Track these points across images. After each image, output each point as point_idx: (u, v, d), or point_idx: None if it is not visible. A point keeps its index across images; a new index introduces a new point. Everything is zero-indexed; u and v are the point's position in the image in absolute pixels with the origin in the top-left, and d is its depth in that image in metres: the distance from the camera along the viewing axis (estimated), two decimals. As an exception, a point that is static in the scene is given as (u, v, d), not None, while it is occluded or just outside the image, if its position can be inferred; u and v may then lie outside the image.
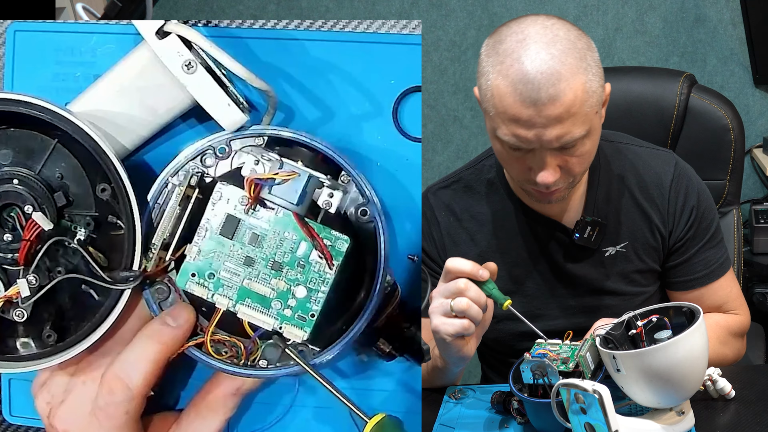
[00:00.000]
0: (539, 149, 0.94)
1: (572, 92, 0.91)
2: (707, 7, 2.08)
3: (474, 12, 2.18)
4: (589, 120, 0.94)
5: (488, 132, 1.00)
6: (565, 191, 1.02)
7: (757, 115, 2.11)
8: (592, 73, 0.93)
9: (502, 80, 0.92)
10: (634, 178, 1.10)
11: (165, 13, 2.26)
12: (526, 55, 0.91)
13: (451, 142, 2.27)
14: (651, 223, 1.09)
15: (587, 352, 0.86)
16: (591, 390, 0.75)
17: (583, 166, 0.99)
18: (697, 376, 0.82)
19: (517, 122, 0.92)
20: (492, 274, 0.92)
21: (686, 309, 0.83)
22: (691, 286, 1.11)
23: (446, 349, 0.95)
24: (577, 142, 0.94)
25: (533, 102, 0.90)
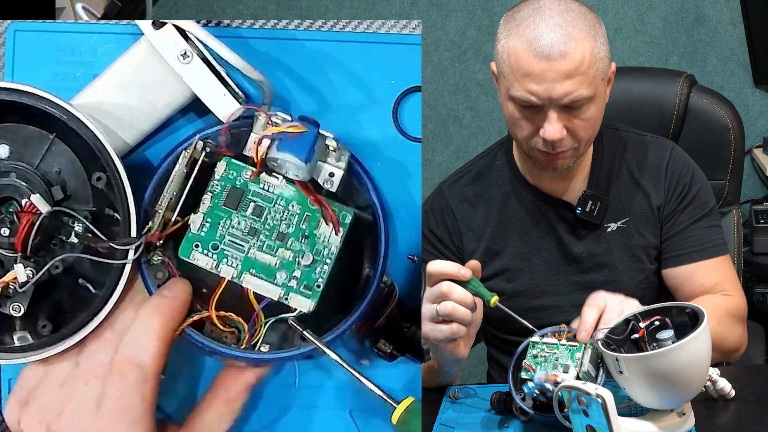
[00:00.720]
0: (548, 106, 1.01)
1: (582, 52, 0.99)
2: (707, 7, 2.08)
3: (474, 12, 2.18)
4: (595, 84, 1.01)
5: (501, 98, 1.07)
6: (569, 159, 1.06)
7: (757, 115, 2.11)
8: (600, 43, 1.02)
9: (517, 40, 1.01)
10: (634, 160, 1.16)
11: (165, 13, 2.26)
12: (541, 18, 1.00)
13: (451, 142, 2.27)
14: (649, 199, 1.14)
15: (588, 365, 0.85)
16: (594, 394, 0.75)
17: (587, 131, 1.04)
18: (700, 378, 0.81)
19: (530, 76, 1.00)
20: (475, 272, 0.90)
21: (689, 310, 0.83)
22: (681, 261, 1.13)
23: (439, 353, 0.95)
24: (583, 103, 1.01)
25: (546, 56, 0.98)
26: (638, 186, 1.15)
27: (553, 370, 0.86)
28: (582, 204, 1.13)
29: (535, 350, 0.89)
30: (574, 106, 1.01)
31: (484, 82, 2.21)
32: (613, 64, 1.07)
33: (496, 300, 0.90)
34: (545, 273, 1.16)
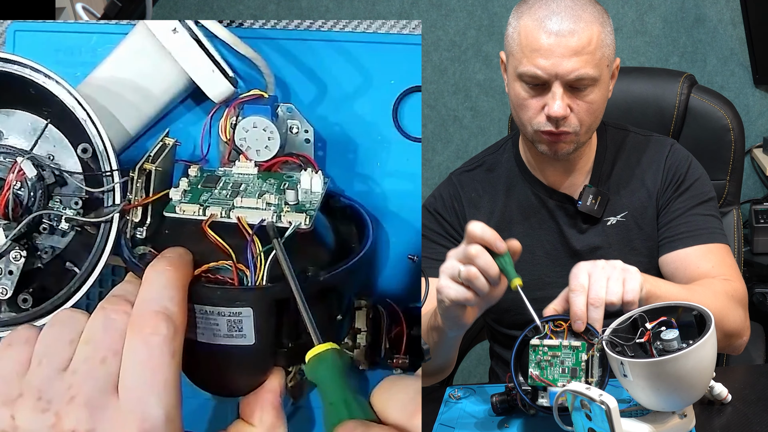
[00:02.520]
0: (553, 82, 1.03)
1: (590, 31, 1.03)
2: (707, 7, 2.07)
3: (474, 12, 2.18)
4: (600, 68, 1.04)
5: (509, 83, 1.10)
6: (570, 144, 1.08)
7: (757, 115, 2.11)
8: (607, 31, 1.06)
9: (528, 19, 1.05)
10: (636, 158, 1.18)
11: (165, 13, 2.26)
12: (553, 1, 1.04)
13: (451, 142, 2.27)
14: (647, 192, 1.16)
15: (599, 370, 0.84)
16: (599, 401, 0.75)
17: (590, 115, 1.07)
18: (705, 382, 0.81)
19: (539, 51, 1.03)
20: (513, 253, 0.87)
21: (696, 312, 0.82)
22: (675, 246, 1.12)
23: (445, 311, 0.91)
24: (588, 84, 1.04)
25: (555, 32, 1.02)
26: (639, 181, 1.17)
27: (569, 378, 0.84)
28: (583, 198, 1.15)
29: (537, 356, 0.86)
30: (579, 86, 1.04)
31: (484, 82, 2.21)
32: (617, 60, 1.10)
33: (518, 282, 0.86)
34: (547, 265, 1.17)
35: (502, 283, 0.88)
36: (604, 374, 0.85)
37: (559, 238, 1.18)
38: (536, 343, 0.86)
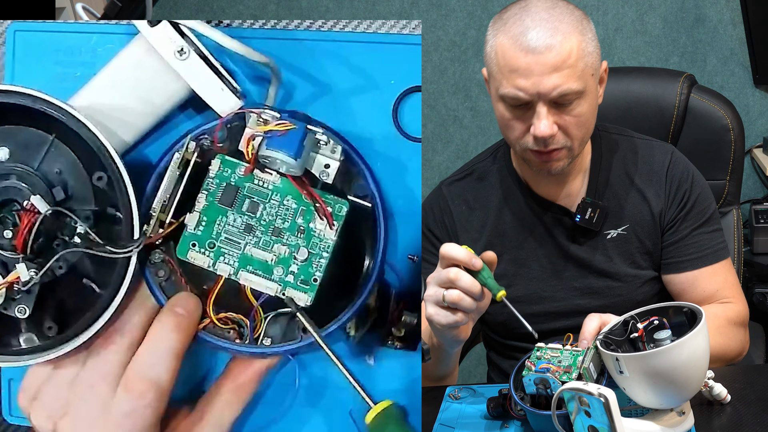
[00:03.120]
0: (537, 102, 0.99)
1: (569, 44, 0.98)
2: (707, 7, 2.08)
3: (474, 12, 2.18)
4: (584, 79, 1.00)
5: (493, 100, 1.06)
6: (563, 160, 1.05)
7: (757, 115, 2.11)
8: (588, 38, 1.01)
9: (504, 37, 1.01)
10: (633, 165, 1.15)
11: (165, 13, 2.26)
12: (528, 15, 1.00)
13: (451, 142, 2.27)
14: (649, 206, 1.13)
15: (590, 363, 0.85)
16: (596, 394, 0.75)
17: (579, 129, 1.03)
18: (700, 376, 0.81)
19: (517, 71, 0.99)
20: (490, 264, 0.89)
21: (687, 309, 0.83)
22: (683, 267, 1.13)
23: (440, 335, 0.95)
24: (573, 98, 1.00)
25: (532, 50, 0.98)
26: (638, 192, 1.14)
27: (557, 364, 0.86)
28: (581, 211, 1.12)
29: (538, 353, 0.89)
30: (564, 101, 1.00)
31: (483, 82, 2.21)
32: (604, 63, 1.06)
33: (503, 294, 0.88)
34: (543, 279, 1.15)
35: (486, 295, 0.90)
36: (601, 376, 0.86)
37: (555, 251, 1.15)
38: (541, 345, 0.90)
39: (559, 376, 0.84)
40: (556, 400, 0.80)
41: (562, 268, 1.15)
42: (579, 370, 0.84)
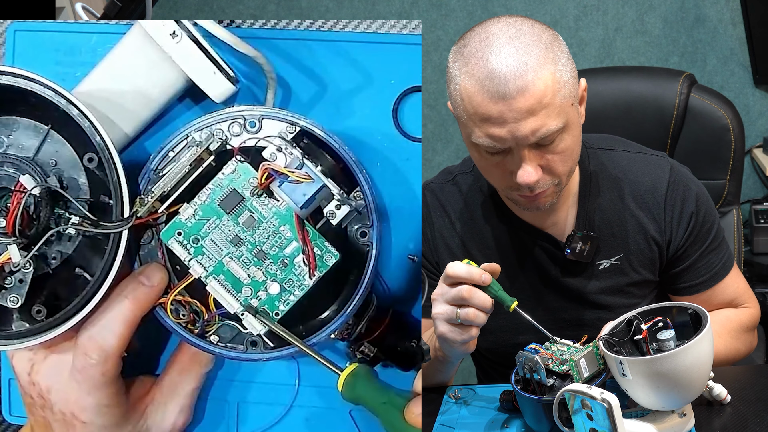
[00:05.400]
0: (516, 148, 0.91)
1: (542, 82, 0.87)
2: (707, 7, 2.08)
3: (474, 12, 2.18)
4: (564, 113, 0.90)
5: (465, 142, 0.98)
6: (552, 195, 0.97)
7: (757, 115, 2.11)
8: (562, 64, 0.90)
9: (468, 80, 0.90)
10: (627, 187, 1.06)
11: (165, 13, 2.26)
12: (491, 51, 0.88)
13: (451, 142, 2.27)
14: (646, 233, 1.06)
15: (582, 358, 0.85)
16: (600, 399, 0.75)
17: (565, 164, 0.95)
18: (703, 380, 0.81)
19: (489, 120, 0.89)
20: (494, 274, 0.89)
21: (691, 311, 0.82)
22: (697, 290, 1.08)
23: (450, 350, 0.94)
24: (555, 136, 0.91)
25: (502, 96, 0.87)
26: (632, 217, 1.06)
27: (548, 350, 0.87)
28: (571, 246, 1.04)
29: (548, 344, 0.89)
30: (545, 142, 0.90)
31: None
32: (582, 81, 0.96)
33: (515, 305, 0.89)
34: (530, 309, 1.02)
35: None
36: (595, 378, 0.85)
37: (543, 282, 1.08)
38: (556, 339, 0.90)
39: (553, 365, 0.84)
40: (558, 401, 0.80)
41: (551, 299, 1.09)
42: (569, 362, 0.84)
